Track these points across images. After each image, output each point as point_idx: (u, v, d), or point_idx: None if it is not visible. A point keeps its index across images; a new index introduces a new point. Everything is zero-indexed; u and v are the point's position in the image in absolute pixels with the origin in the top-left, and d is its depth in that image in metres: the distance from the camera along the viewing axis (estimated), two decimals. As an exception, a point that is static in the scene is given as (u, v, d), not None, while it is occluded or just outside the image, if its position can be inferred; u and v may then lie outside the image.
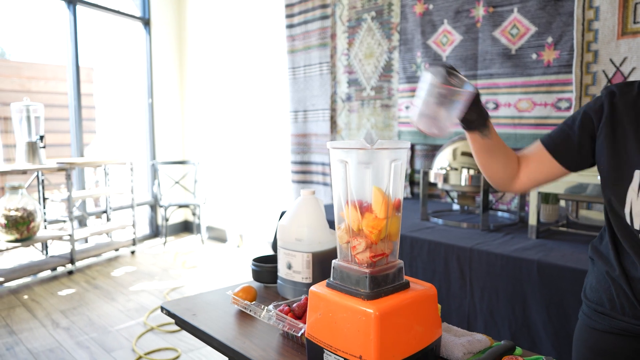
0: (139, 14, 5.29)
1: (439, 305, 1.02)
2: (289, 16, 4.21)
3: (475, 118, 1.07)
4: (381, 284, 0.90)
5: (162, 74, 5.46)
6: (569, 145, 1.09)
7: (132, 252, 4.83)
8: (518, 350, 1.00)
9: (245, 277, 4.00)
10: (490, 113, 2.97)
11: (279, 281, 1.40)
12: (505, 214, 2.71)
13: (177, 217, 5.70)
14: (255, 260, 1.52)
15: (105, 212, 4.94)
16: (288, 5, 4.20)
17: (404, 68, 3.42)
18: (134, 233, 4.83)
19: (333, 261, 0.96)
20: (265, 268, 1.47)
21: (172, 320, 1.26)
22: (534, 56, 2.78)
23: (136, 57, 5.38)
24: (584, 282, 1.19)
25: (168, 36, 5.48)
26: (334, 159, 0.93)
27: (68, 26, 4.64)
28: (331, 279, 0.96)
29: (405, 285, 0.95)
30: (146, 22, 5.32)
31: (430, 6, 3.22)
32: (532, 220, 2.14)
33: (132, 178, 4.74)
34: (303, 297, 1.20)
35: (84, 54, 4.85)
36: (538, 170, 1.15)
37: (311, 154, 4.20)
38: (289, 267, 1.34)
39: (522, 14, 2.80)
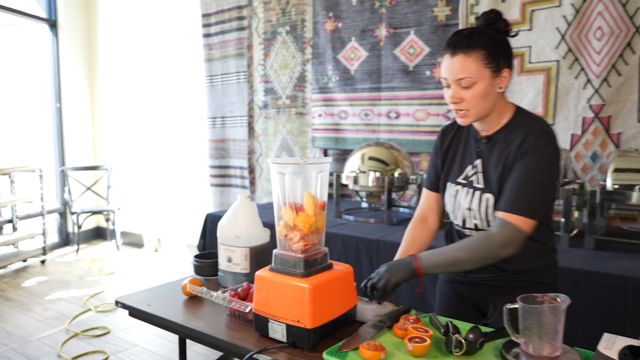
0: (44, 15, 5.12)
1: (355, 283, 1.32)
2: (205, 25, 4.36)
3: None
4: (312, 265, 1.18)
5: (71, 78, 5.32)
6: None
7: (43, 262, 4.69)
8: (412, 311, 1.33)
9: (167, 278, 4.08)
10: (392, 122, 3.39)
11: (220, 273, 1.63)
12: (407, 210, 3.13)
13: (89, 224, 5.58)
14: (196, 256, 1.73)
15: (10, 221, 4.73)
16: (205, 15, 4.35)
17: (316, 79, 3.74)
18: (45, 242, 4.69)
19: (274, 250, 1.22)
20: (207, 263, 1.69)
21: (97, 325, 1.45)
22: (428, 73, 3.23)
23: (42, 60, 5.19)
24: None
25: (77, 39, 5.35)
26: (273, 170, 1.19)
27: (-34, 26, 4.40)
28: (272, 264, 1.22)
29: (330, 266, 1.24)
30: (53, 24, 5.16)
31: (340, 24, 3.58)
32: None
33: (41, 185, 4.60)
34: (245, 283, 1.44)
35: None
36: (437, 207, 1.52)
37: (230, 159, 4.39)
38: (229, 260, 1.58)
39: (417, 36, 3.24)
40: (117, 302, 1.50)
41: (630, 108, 2.55)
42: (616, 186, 2.13)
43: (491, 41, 1.25)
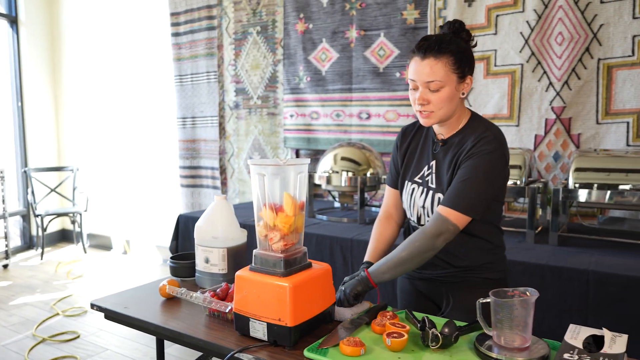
0: (4, 11, 4.95)
1: (332, 282, 1.35)
2: (174, 24, 4.31)
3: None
4: (292, 264, 1.21)
5: (33, 76, 5.16)
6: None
7: (5, 266, 4.54)
8: (389, 308, 1.37)
9: (138, 280, 4.03)
10: (363, 122, 3.45)
11: (197, 274, 1.63)
12: (379, 209, 3.18)
13: (53, 226, 5.42)
14: (172, 258, 1.73)
15: (-30, 224, 4.56)
16: (173, 14, 4.31)
17: (288, 80, 3.76)
18: (7, 245, 4.54)
19: (254, 250, 1.24)
20: (183, 264, 1.69)
21: (66, 330, 1.43)
22: (398, 74, 3.29)
23: (1, 58, 5.02)
24: None
25: (39, 36, 5.19)
26: (253, 172, 1.21)
27: None
28: (252, 264, 1.24)
29: (309, 265, 1.27)
30: (13, 20, 5.00)
31: (310, 25, 3.60)
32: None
33: (2, 187, 4.45)
34: (223, 284, 1.45)
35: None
36: (400, 204, 1.56)
37: (200, 159, 4.36)
38: (207, 261, 1.59)
39: (387, 38, 3.30)
40: (92, 305, 1.48)
41: (589, 110, 2.67)
42: (577, 185, 2.23)
43: (459, 48, 1.32)
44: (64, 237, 5.56)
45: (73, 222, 5.14)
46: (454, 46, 1.31)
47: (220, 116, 4.18)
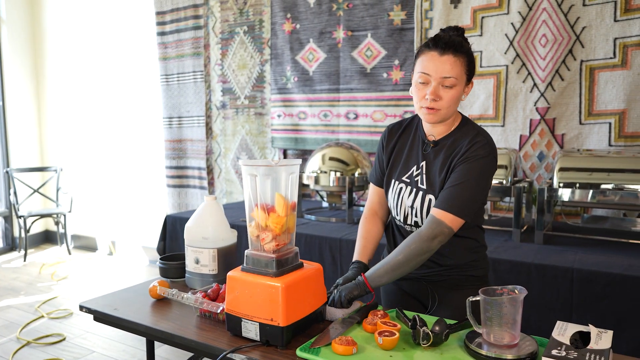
0: (-15, 9, 4.86)
1: (324, 282, 1.36)
2: (160, 24, 4.28)
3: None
4: (284, 265, 1.21)
5: (15, 74, 5.08)
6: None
7: (-13, 268, 4.46)
8: (380, 307, 1.38)
9: (124, 281, 3.99)
10: (350, 122, 3.46)
11: (187, 275, 1.62)
12: (366, 209, 3.20)
13: (37, 227, 5.34)
14: (162, 259, 1.72)
15: (-50, 226, 4.47)
16: (159, 13, 4.27)
17: (275, 80, 3.76)
18: (-11, 247, 4.46)
19: (246, 251, 1.24)
20: (173, 265, 1.68)
21: (51, 332, 1.42)
22: (385, 75, 3.31)
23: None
24: None
25: (21, 34, 5.10)
26: (245, 172, 1.21)
27: None
28: (244, 264, 1.24)
29: (300, 265, 1.27)
30: (-6, 18, 4.91)
31: (298, 25, 3.61)
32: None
33: (-16, 188, 4.37)
34: (214, 284, 1.45)
35: None
36: (385, 201, 1.56)
37: (187, 159, 4.33)
38: (197, 262, 1.58)
39: (374, 39, 3.32)
40: (81, 307, 1.47)
41: (572, 111, 2.72)
42: (561, 184, 2.27)
43: (470, 51, 1.36)
44: (48, 238, 5.48)
45: (57, 223, 5.07)
46: (467, 48, 1.34)
47: (207, 116, 4.16)
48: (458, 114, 1.44)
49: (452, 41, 1.31)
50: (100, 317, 1.44)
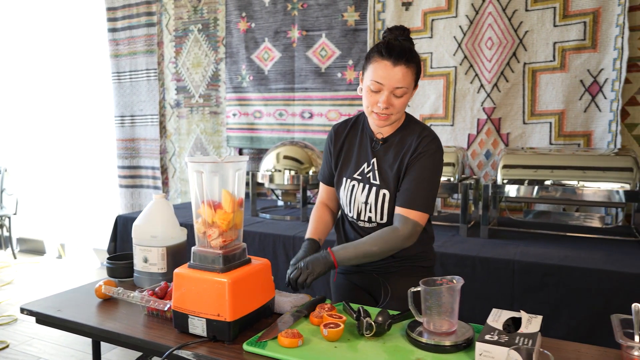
0: None
1: (272, 277, 1.37)
2: (111, 20, 4.18)
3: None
4: (231, 260, 1.22)
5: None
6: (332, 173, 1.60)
7: None
8: (327, 300, 1.41)
9: (75, 285, 3.85)
10: (306, 121, 3.49)
11: (135, 274, 1.60)
12: (321, 207, 3.23)
13: (-21, 230, 5.10)
14: (109, 258, 1.69)
15: None
16: (110, 9, 4.17)
17: (230, 79, 3.74)
18: None
19: (192, 248, 1.24)
20: (121, 264, 1.66)
21: None
22: (339, 75, 3.36)
23: None
24: None
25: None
26: (191, 169, 1.21)
27: None
28: (191, 261, 1.24)
29: (248, 261, 1.28)
30: None
31: (253, 24, 3.60)
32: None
33: None
34: (162, 282, 1.44)
35: None
36: (335, 197, 1.62)
37: (140, 159, 4.24)
38: (145, 260, 1.57)
39: (329, 39, 3.36)
40: (22, 309, 1.42)
41: (516, 111, 2.85)
42: (505, 181, 2.38)
43: (419, 60, 1.40)
44: (-8, 242, 5.24)
45: (1, 226, 4.85)
46: (417, 58, 1.39)
47: (160, 115, 4.09)
48: (403, 113, 1.49)
49: (404, 50, 1.34)
50: (43, 320, 1.40)
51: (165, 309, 1.28)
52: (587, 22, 2.62)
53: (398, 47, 1.35)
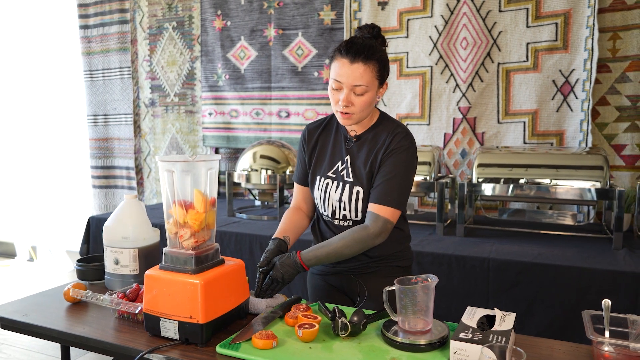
0: None
1: (247, 278, 1.35)
2: (83, 16, 4.08)
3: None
4: (203, 261, 1.20)
5: None
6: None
7: None
8: (303, 300, 1.40)
9: (46, 288, 3.75)
10: (282, 121, 3.47)
11: (106, 277, 1.56)
12: (298, 207, 3.22)
13: (-55, 233, 4.93)
14: (79, 261, 1.64)
15: None
16: (81, 5, 4.07)
17: (206, 77, 3.69)
18: None
19: (164, 249, 1.21)
20: (91, 267, 1.61)
21: None
22: (316, 74, 3.35)
23: None
24: None
25: None
26: (162, 168, 1.18)
27: None
28: (163, 263, 1.21)
29: (221, 262, 1.26)
30: None
31: (229, 23, 3.56)
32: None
33: None
34: (134, 284, 1.41)
35: None
36: (309, 198, 1.60)
37: (114, 159, 4.16)
38: (117, 262, 1.53)
39: (305, 38, 3.35)
40: (-14, 315, 1.37)
41: (491, 110, 2.88)
42: (480, 179, 2.40)
43: (383, 56, 1.38)
44: (-41, 245, 5.07)
45: (-31, 229, 4.70)
46: (380, 54, 1.36)
47: (135, 114, 4.02)
48: (375, 110, 1.49)
49: (364, 47, 1.33)
50: (8, 325, 1.35)
51: (137, 311, 1.25)
52: (558, 23, 2.67)
53: (358, 44, 1.34)
